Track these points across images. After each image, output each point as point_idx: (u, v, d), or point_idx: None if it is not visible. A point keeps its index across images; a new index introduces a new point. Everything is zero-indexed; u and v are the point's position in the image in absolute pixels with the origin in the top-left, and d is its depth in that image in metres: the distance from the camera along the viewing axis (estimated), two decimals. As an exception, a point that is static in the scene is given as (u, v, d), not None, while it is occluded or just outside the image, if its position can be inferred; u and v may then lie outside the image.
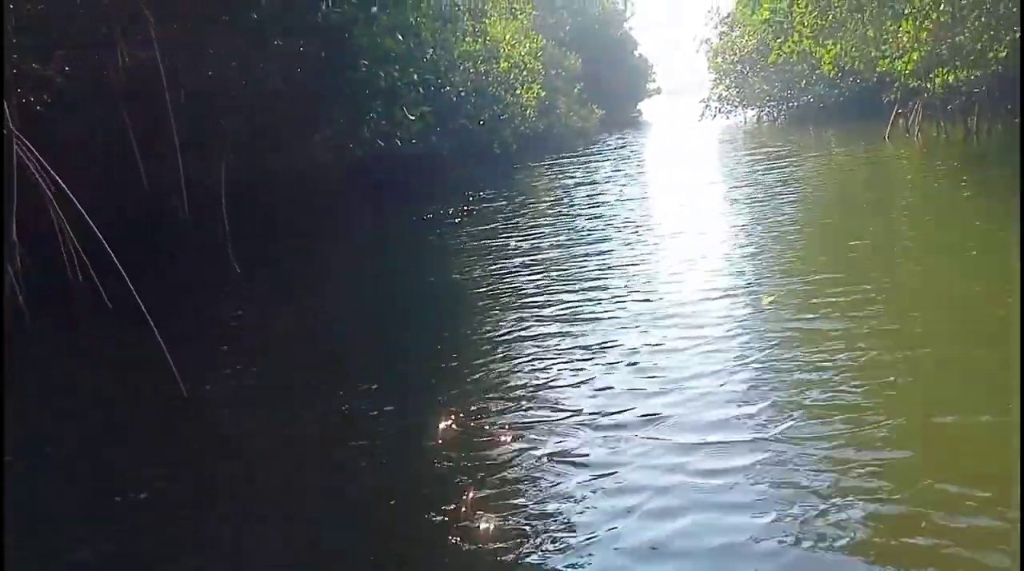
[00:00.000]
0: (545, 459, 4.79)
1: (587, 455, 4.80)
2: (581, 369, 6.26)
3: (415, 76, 12.97)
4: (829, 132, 27.56)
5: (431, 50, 14.65)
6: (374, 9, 12.07)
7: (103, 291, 7.80)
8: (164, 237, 12.71)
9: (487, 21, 30.12)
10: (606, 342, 6.80)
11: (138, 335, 6.69)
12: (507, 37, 30.54)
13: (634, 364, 6.20)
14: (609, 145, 35.92)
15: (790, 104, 36.74)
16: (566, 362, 6.43)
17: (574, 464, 4.69)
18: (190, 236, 12.73)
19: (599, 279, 9.27)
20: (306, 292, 11.00)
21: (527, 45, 31.94)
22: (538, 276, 9.82)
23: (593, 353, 6.59)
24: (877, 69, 24.28)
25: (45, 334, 8.27)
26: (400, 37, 12.70)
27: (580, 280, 9.36)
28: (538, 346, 6.94)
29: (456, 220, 16.09)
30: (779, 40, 22.38)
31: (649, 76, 77.71)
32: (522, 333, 7.36)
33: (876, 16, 19.58)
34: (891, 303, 6.98)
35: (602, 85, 55.80)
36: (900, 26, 21.15)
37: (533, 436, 5.14)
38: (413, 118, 13.73)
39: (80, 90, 12.82)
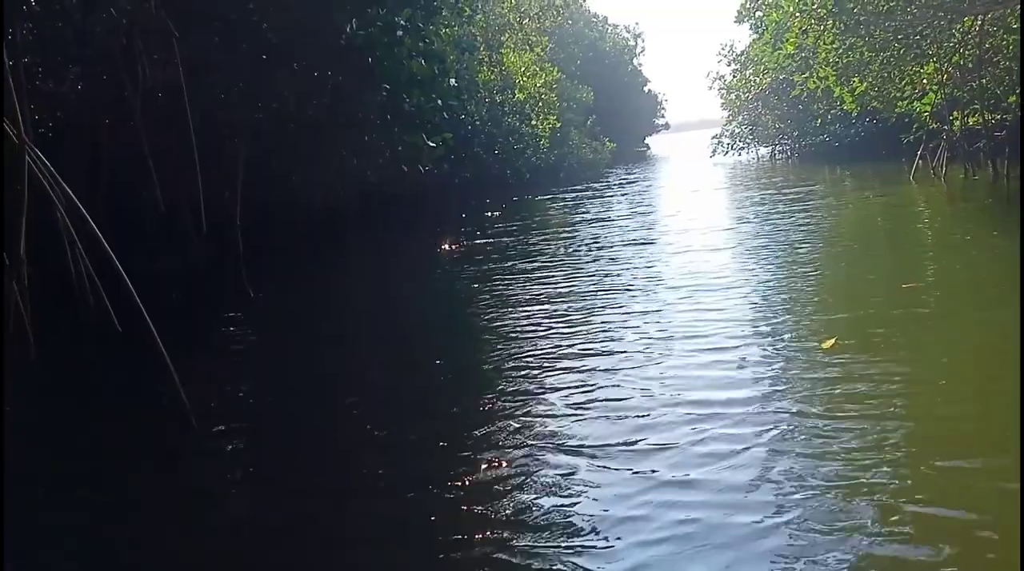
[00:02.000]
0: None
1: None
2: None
3: (438, 102, 12.69)
4: (847, 171, 27.24)
5: (454, 77, 14.43)
6: (399, 33, 11.83)
7: (113, 314, 7.40)
8: (177, 258, 12.36)
9: (503, 52, 30.22)
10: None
11: (148, 361, 6.30)
12: (523, 68, 30.61)
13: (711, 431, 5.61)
14: (621, 179, 35.71)
15: (804, 142, 36.63)
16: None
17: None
18: (204, 258, 12.39)
19: (617, 340, 7.69)
20: (319, 321, 10.59)
21: (543, 77, 32.01)
22: (557, 330, 8.28)
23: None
24: (896, 109, 24.18)
25: (51, 358, 7.85)
26: (423, 62, 12.45)
27: (597, 334, 7.93)
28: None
29: (451, 254, 15.49)
30: (804, 75, 22.25)
31: (658, 111, 78.38)
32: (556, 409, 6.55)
33: (900, 56, 19.44)
34: (957, 351, 6.52)
35: (612, 119, 56.13)
36: (922, 67, 21.06)
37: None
38: (434, 145, 13.44)
39: (95, 106, 12.60)
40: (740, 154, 42.98)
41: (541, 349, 7.55)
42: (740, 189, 26.34)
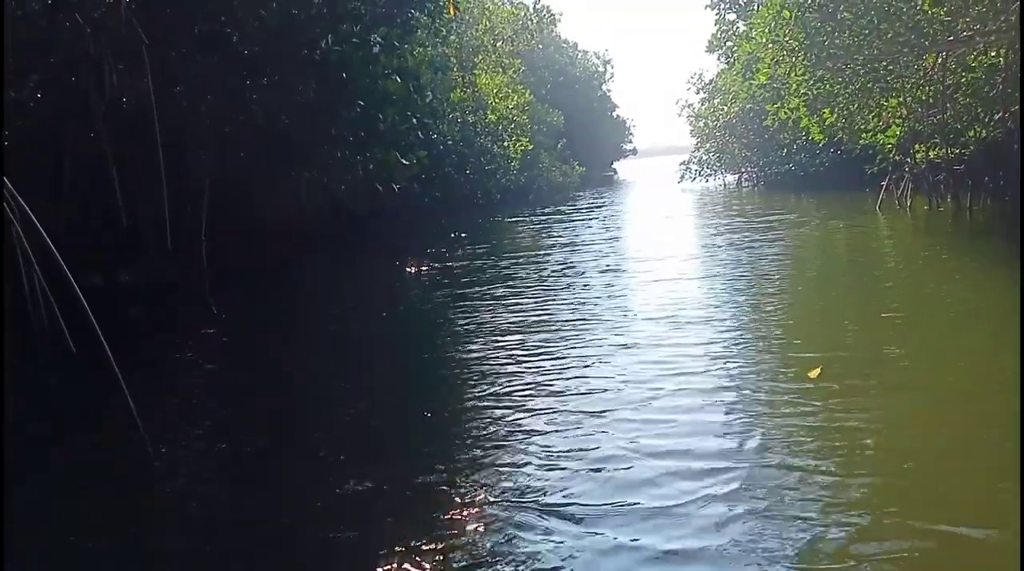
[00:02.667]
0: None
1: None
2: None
3: (413, 120, 12.46)
4: (813, 200, 27.66)
5: (430, 94, 14.25)
6: (376, 50, 11.65)
7: (67, 333, 7.00)
8: (138, 274, 11.92)
9: (476, 73, 30.26)
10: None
11: (102, 383, 5.95)
12: (495, 90, 30.67)
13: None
14: (591, 203, 35.84)
15: (770, 170, 37.26)
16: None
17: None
18: (166, 273, 11.96)
19: (594, 367, 7.60)
20: (281, 343, 10.16)
21: (514, 99, 32.11)
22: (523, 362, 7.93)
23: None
24: (861, 141, 24.72)
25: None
26: (399, 79, 12.27)
27: (574, 370, 7.55)
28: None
29: (418, 276, 14.93)
30: (775, 105, 22.63)
31: (626, 136, 79.33)
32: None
33: (866, 89, 19.89)
34: (938, 384, 6.50)
35: (581, 143, 56.56)
36: (887, 101, 21.57)
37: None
38: (407, 163, 13.22)
39: (58, 115, 12.13)
40: (707, 180, 43.60)
41: (515, 386, 7.14)
42: (711, 215, 26.58)
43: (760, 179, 39.57)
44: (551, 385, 7.12)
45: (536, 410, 6.47)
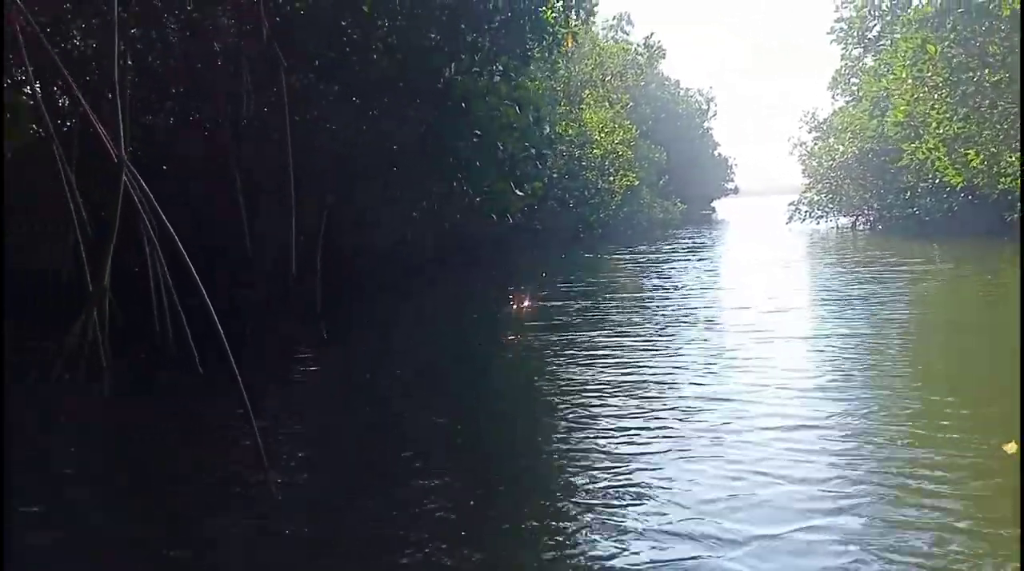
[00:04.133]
0: None
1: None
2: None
3: (532, 150, 12.20)
4: (953, 249, 24.95)
5: (547, 126, 14.01)
6: (496, 79, 11.50)
7: (196, 354, 6.93)
8: (260, 296, 12.06)
9: (582, 108, 30.12)
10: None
11: (223, 402, 5.78)
12: (600, 125, 30.40)
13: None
14: (693, 243, 34.63)
15: (889, 213, 35.08)
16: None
17: None
18: (288, 297, 12.05)
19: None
20: (388, 373, 9.75)
21: (619, 134, 31.73)
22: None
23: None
24: (999, 185, 22.87)
25: (126, 395, 7.43)
26: (519, 110, 12.08)
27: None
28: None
29: (524, 312, 13.67)
30: (912, 145, 21.18)
31: (728, 175, 77.44)
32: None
33: (1010, 130, 18.34)
34: None
35: (682, 180, 55.51)
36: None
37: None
38: (521, 194, 12.95)
39: (192, 139, 12.58)
40: (818, 222, 41.52)
41: (619, 455, 6.06)
42: (836, 264, 23.64)
43: (878, 222, 37.33)
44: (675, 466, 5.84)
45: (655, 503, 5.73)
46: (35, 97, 9.20)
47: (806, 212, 41.22)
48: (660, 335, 11.40)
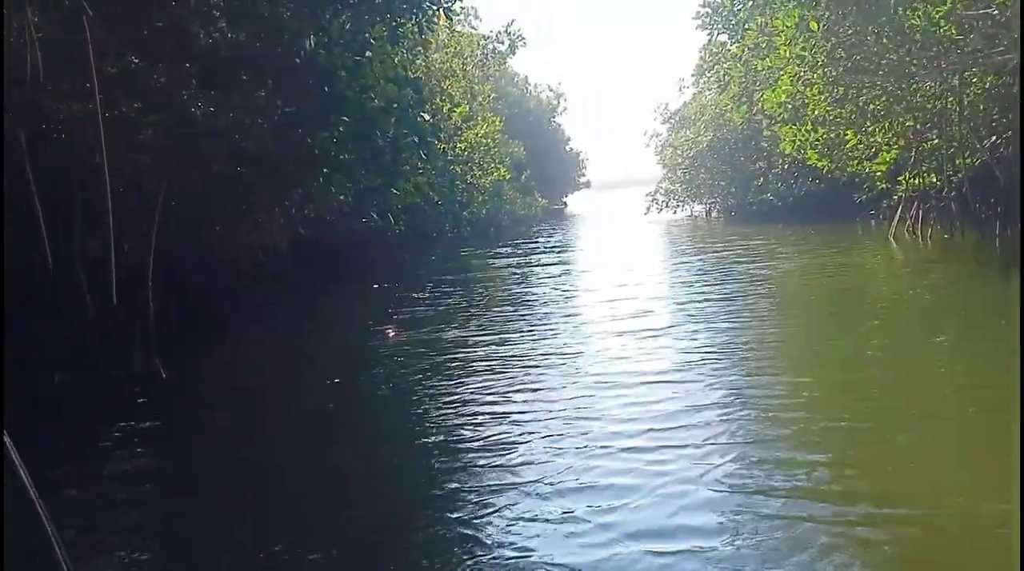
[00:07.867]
0: None
1: None
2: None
3: (414, 139, 10.22)
4: (810, 229, 26.23)
5: (429, 111, 12.25)
6: (369, 54, 9.73)
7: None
8: (67, 325, 9.56)
9: (444, 100, 28.45)
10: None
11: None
12: (464, 117, 28.86)
13: None
14: (556, 240, 33.97)
15: (742, 200, 36.17)
16: None
17: None
18: (102, 326, 9.62)
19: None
20: (240, 428, 7.58)
21: (483, 126, 30.37)
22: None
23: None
24: (847, 169, 23.85)
25: None
26: (396, 88, 10.31)
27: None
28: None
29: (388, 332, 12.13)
30: (791, 127, 21.39)
31: (580, 169, 78.60)
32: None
33: (858, 115, 18.89)
34: None
35: (538, 175, 55.22)
36: (877, 127, 20.56)
37: None
38: (397, 192, 11.17)
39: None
40: (675, 212, 42.53)
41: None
42: (692, 252, 24.23)
43: (732, 209, 38.60)
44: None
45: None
46: None
47: (663, 202, 42.09)
48: (537, 349, 10.08)
